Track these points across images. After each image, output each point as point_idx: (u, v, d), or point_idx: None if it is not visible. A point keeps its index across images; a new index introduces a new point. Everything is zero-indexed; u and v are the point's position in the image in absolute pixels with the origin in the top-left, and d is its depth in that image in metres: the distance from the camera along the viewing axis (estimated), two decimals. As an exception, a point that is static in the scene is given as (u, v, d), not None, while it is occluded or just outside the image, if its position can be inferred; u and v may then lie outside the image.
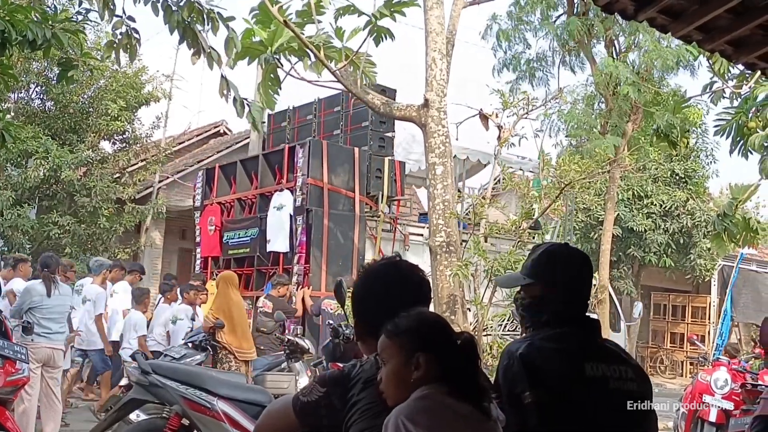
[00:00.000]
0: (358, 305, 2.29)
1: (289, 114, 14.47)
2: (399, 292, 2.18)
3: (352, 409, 2.00)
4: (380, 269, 2.29)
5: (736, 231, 11.57)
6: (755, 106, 9.85)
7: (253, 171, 12.87)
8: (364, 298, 2.27)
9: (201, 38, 5.88)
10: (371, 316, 2.21)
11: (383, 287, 2.22)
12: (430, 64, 9.42)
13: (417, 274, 2.27)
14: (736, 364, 9.66)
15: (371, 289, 2.26)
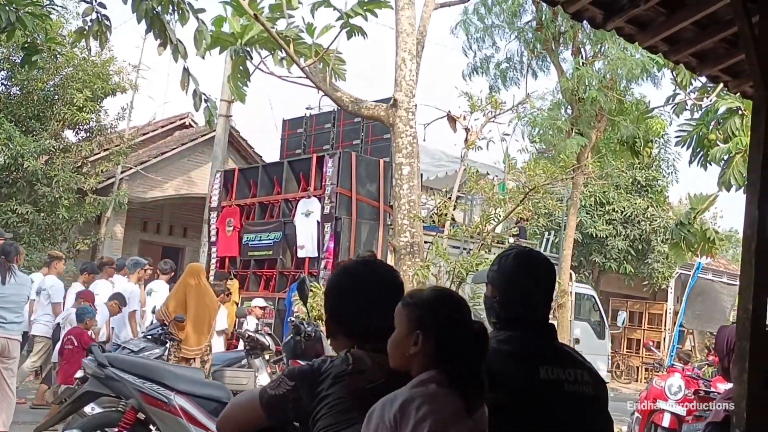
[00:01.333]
0: (331, 302, 2.28)
1: (305, 121, 14.80)
2: (371, 290, 2.19)
3: (320, 404, 2.00)
4: (354, 267, 2.30)
5: (694, 240, 11.83)
6: (716, 118, 10.08)
7: (275, 176, 13.17)
8: (336, 295, 2.28)
9: (169, 29, 5.81)
10: (343, 314, 2.23)
11: (356, 285, 2.23)
12: (399, 64, 9.43)
13: (390, 274, 2.28)
14: (690, 370, 9.84)
15: (344, 287, 2.26)
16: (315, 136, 14.50)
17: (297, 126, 14.90)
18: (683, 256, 13.43)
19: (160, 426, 5.16)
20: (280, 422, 2.10)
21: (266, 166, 13.97)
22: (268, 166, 13.92)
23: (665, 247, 19.51)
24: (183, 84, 6.02)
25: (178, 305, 7.78)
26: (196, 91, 6.03)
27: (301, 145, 14.51)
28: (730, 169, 9.67)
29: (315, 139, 14.43)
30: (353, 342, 2.14)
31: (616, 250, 20.93)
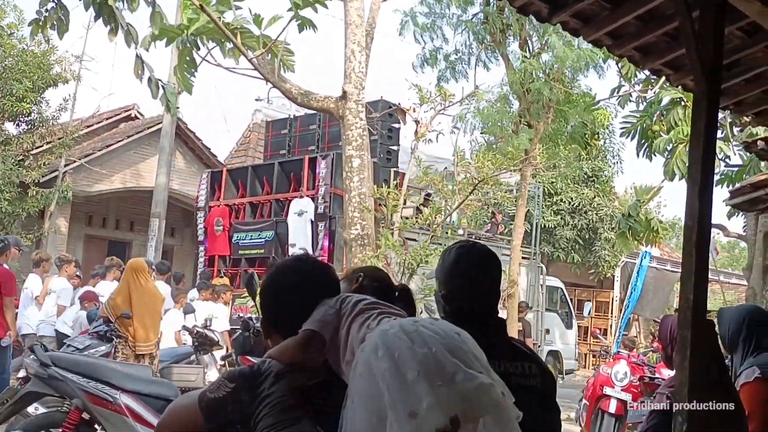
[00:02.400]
0: (264, 302, 2.26)
1: (290, 122, 15.02)
2: (303, 288, 2.16)
3: (261, 404, 1.97)
4: (287, 266, 2.27)
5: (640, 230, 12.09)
6: (659, 110, 10.30)
7: (265, 177, 13.57)
8: (269, 294, 2.25)
9: (119, 14, 5.68)
10: (276, 313, 2.21)
11: (287, 284, 2.20)
12: (349, 56, 9.40)
13: (325, 271, 2.26)
14: (635, 357, 10.05)
15: (276, 286, 2.23)
16: (300, 137, 14.73)
17: (281, 127, 15.17)
18: (629, 245, 13.75)
19: (105, 426, 5.07)
20: (222, 425, 2.06)
21: (255, 167, 14.46)
22: (257, 167, 14.40)
23: (611, 236, 19.92)
24: (136, 71, 5.90)
25: (124, 302, 7.63)
26: (152, 77, 5.92)
27: (285, 146, 14.77)
28: (674, 159, 9.91)
29: (300, 140, 14.68)
30: None
31: (564, 240, 21.28)
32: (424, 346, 1.59)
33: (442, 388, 1.53)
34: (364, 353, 1.68)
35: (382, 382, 1.60)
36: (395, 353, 1.60)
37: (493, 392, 1.57)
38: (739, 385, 3.22)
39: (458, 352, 1.60)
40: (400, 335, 1.63)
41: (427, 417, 1.52)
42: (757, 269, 12.23)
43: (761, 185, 6.42)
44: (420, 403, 1.52)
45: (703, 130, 2.83)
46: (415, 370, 1.56)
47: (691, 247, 2.78)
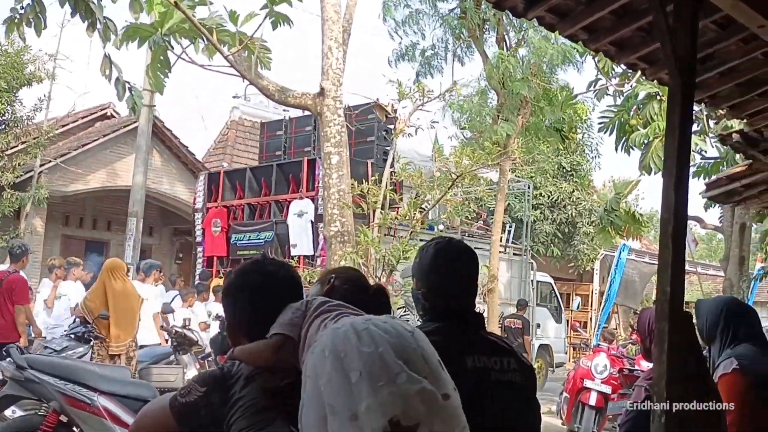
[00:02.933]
0: (226, 307, 2.24)
1: (285, 124, 15.19)
2: (263, 290, 2.15)
3: (233, 408, 1.95)
4: (246, 270, 2.25)
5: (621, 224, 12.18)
6: (636, 104, 10.36)
7: (263, 178, 13.75)
8: (229, 299, 2.23)
9: (96, 9, 5.61)
10: (239, 317, 2.19)
11: (246, 286, 2.19)
12: (326, 52, 9.35)
13: (286, 272, 2.24)
14: (615, 349, 10.13)
15: (235, 290, 2.21)
16: (295, 138, 14.93)
17: (276, 128, 15.37)
18: (610, 239, 13.85)
19: (83, 428, 5.02)
20: (194, 429, 2.04)
21: (253, 169, 14.61)
22: (255, 169, 14.58)
23: (591, 230, 20.05)
24: (103, 71, 5.83)
25: (101, 302, 7.56)
26: (119, 78, 5.85)
27: (281, 147, 14.98)
28: (650, 153, 9.96)
29: (295, 142, 14.89)
30: None
31: (544, 234, 21.39)
32: (371, 346, 1.58)
33: (383, 389, 1.52)
34: (313, 354, 1.67)
35: (326, 383, 1.59)
36: (341, 354, 1.59)
37: (434, 399, 1.54)
38: (717, 377, 3.24)
39: (406, 352, 1.58)
40: (349, 334, 1.62)
41: (367, 419, 1.50)
42: (733, 260, 12.37)
43: (736, 177, 6.46)
44: (360, 405, 1.51)
45: (677, 124, 2.84)
46: (358, 370, 1.55)
47: (668, 240, 2.79)
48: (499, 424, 2.23)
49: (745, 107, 4.78)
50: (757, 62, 4.08)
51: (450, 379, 1.65)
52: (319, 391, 1.61)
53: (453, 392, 1.62)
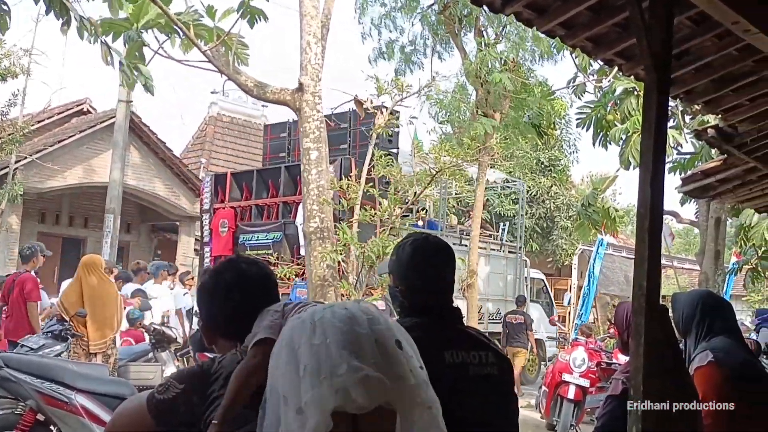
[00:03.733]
0: (200, 308, 2.23)
1: (289, 126, 15.17)
2: (236, 289, 2.15)
3: (212, 406, 1.93)
4: (220, 269, 2.24)
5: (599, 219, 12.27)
6: (613, 99, 10.43)
7: (270, 180, 13.92)
8: (203, 300, 2.23)
9: (71, 7, 5.54)
10: (214, 317, 2.19)
11: (219, 286, 2.18)
12: (304, 48, 9.32)
13: (260, 270, 2.24)
14: (593, 343, 10.22)
15: (208, 290, 2.21)
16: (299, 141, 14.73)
17: (280, 131, 15.39)
18: (588, 234, 13.94)
19: (61, 427, 4.98)
20: (171, 427, 2.03)
21: (261, 171, 14.76)
22: (263, 171, 14.74)
23: (569, 225, 20.18)
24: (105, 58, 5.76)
25: (77, 300, 7.49)
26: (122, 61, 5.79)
27: (285, 149, 15.06)
28: (629, 149, 10.04)
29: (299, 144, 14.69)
30: (232, 343, 2.10)
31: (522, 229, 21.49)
32: (321, 337, 1.58)
33: (324, 383, 1.51)
34: (276, 346, 1.68)
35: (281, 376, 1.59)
36: (296, 346, 1.59)
37: (380, 384, 1.55)
38: (692, 370, 3.27)
39: (355, 340, 1.57)
40: (305, 326, 1.62)
41: (308, 413, 1.51)
42: (709, 254, 12.51)
43: (712, 172, 6.53)
44: (303, 399, 1.51)
45: (653, 119, 2.87)
46: (304, 364, 1.55)
47: (644, 234, 2.81)
48: (477, 418, 2.24)
49: (719, 103, 4.83)
50: (731, 58, 4.12)
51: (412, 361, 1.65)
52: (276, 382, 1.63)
53: (409, 373, 1.61)
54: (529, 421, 10.21)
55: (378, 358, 1.56)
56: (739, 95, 4.70)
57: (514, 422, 2.42)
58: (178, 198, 18.73)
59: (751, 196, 7.22)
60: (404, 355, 1.64)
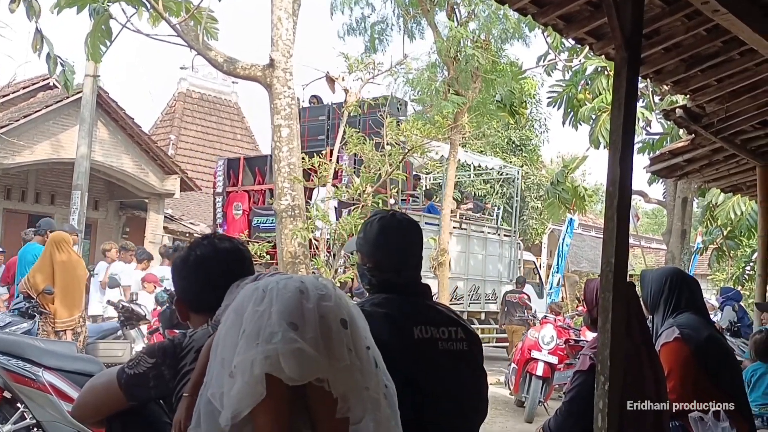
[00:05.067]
0: (179, 283, 2.22)
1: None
2: (211, 265, 2.15)
3: (183, 380, 1.93)
4: (196, 244, 2.24)
5: (568, 198, 12.38)
6: (584, 79, 10.49)
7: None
8: (178, 274, 2.22)
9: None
10: (188, 292, 2.19)
11: (194, 261, 2.18)
12: (275, 23, 9.23)
13: (235, 247, 2.23)
14: (562, 321, 10.35)
15: (183, 265, 2.20)
16: (309, 127, 15.14)
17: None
18: (558, 213, 14.07)
19: (28, 404, 4.93)
20: (142, 401, 2.02)
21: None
22: None
23: (539, 204, 20.34)
24: (34, 46, 5.64)
25: (46, 277, 7.39)
26: (50, 54, 5.67)
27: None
28: (598, 128, 10.13)
29: (309, 131, 15.09)
30: (204, 318, 2.09)
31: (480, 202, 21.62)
32: (267, 304, 1.60)
33: (257, 348, 1.54)
34: (227, 310, 1.70)
35: (222, 337, 1.63)
36: (242, 311, 1.62)
37: (313, 361, 1.56)
38: (659, 345, 3.32)
39: (299, 315, 1.59)
40: (256, 292, 1.65)
41: (238, 375, 1.53)
42: (675, 233, 12.71)
43: (679, 152, 6.61)
44: (235, 362, 1.55)
45: (623, 98, 2.89)
46: (245, 327, 1.58)
47: (613, 213, 2.85)
48: (446, 393, 2.26)
49: (688, 83, 4.88)
50: (700, 38, 4.16)
51: (356, 342, 1.67)
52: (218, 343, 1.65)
53: (346, 353, 1.63)
54: (499, 398, 10.33)
55: (317, 335, 1.58)
56: (707, 76, 4.75)
57: (484, 396, 2.44)
58: (147, 175, 18.49)
59: (718, 176, 7.33)
60: (347, 334, 1.65)
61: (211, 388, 1.61)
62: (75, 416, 2.20)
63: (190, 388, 1.82)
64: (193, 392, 1.78)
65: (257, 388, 1.52)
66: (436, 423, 2.23)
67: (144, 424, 2.05)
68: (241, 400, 1.53)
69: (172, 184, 18.80)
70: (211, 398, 1.60)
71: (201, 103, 27.32)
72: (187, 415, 1.77)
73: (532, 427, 8.55)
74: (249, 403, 1.53)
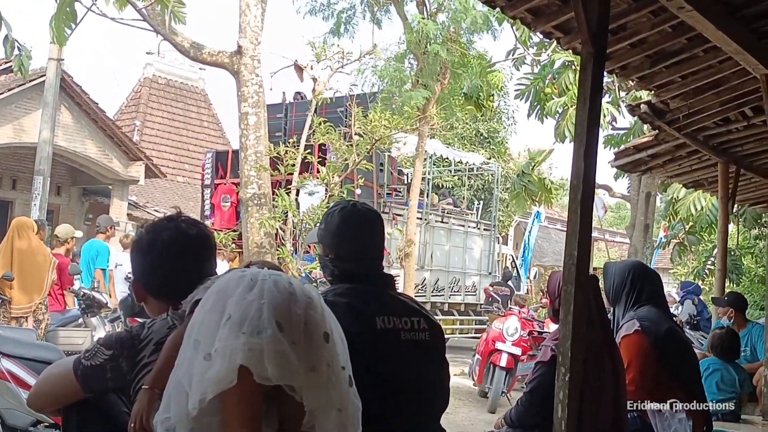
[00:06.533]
0: (134, 263, 2.17)
1: (286, 107, 15.44)
2: (171, 247, 2.09)
3: (142, 372, 1.89)
4: (159, 226, 2.17)
5: (535, 190, 12.46)
6: (552, 73, 10.55)
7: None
8: (137, 255, 2.16)
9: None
10: (146, 274, 2.13)
11: (155, 243, 2.11)
12: (243, 9, 9.14)
13: (199, 231, 2.18)
14: (526, 313, 10.44)
15: (143, 246, 2.14)
16: (295, 121, 15.07)
17: (276, 111, 15.44)
18: (524, 205, 14.17)
19: (-15, 392, 4.84)
20: (99, 393, 1.98)
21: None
22: None
23: (506, 196, 20.48)
24: None
25: (6, 262, 7.25)
26: (8, 36, 5.53)
27: (281, 129, 15.10)
28: (564, 122, 10.19)
29: (296, 125, 14.97)
30: (164, 303, 2.05)
31: (459, 199, 21.71)
32: (257, 295, 1.58)
33: (243, 337, 1.52)
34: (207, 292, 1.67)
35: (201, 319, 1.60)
36: (228, 295, 1.59)
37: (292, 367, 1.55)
38: (619, 338, 3.37)
39: (288, 319, 1.57)
40: (244, 279, 1.62)
41: (215, 360, 1.51)
42: (638, 227, 12.89)
43: (643, 147, 6.70)
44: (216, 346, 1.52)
45: (588, 92, 2.91)
46: (231, 313, 1.55)
47: (576, 206, 2.87)
48: (409, 382, 2.26)
49: (653, 79, 4.94)
50: (665, 35, 4.21)
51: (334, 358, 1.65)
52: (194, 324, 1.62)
53: (324, 367, 1.61)
54: (462, 388, 10.40)
55: (301, 342, 1.56)
56: (671, 72, 4.81)
57: (446, 386, 2.45)
58: (111, 161, 18.22)
59: (680, 172, 7.44)
60: (327, 349, 1.64)
61: (182, 369, 1.59)
62: (31, 405, 2.14)
63: (150, 380, 1.79)
64: (154, 384, 1.75)
65: (230, 375, 1.50)
66: (398, 413, 2.23)
67: (101, 414, 2.01)
68: (212, 385, 1.51)
69: (136, 171, 18.56)
70: (181, 379, 1.57)
71: (167, 89, 26.99)
72: (148, 407, 1.74)
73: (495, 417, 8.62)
74: (216, 389, 1.51)
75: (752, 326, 6.16)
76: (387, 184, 14.40)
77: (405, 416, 2.26)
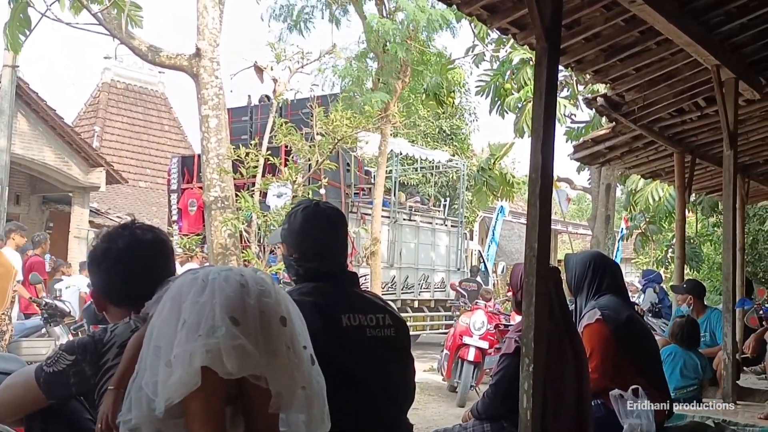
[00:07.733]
0: (98, 275, 2.15)
1: (251, 110, 15.35)
2: (127, 254, 2.08)
3: (105, 376, 1.88)
4: (114, 234, 2.15)
5: (496, 185, 12.58)
6: (510, 69, 10.66)
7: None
8: (94, 264, 2.14)
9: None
10: (103, 282, 2.12)
11: (110, 251, 2.10)
12: (201, 11, 9.08)
13: (155, 236, 2.17)
14: (492, 306, 10.52)
15: (99, 255, 2.13)
16: (261, 124, 14.84)
17: (241, 114, 15.42)
18: (486, 200, 14.28)
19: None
20: (62, 399, 1.96)
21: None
22: None
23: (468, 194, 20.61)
24: None
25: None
26: None
27: (247, 132, 14.94)
28: (523, 117, 10.31)
29: (261, 128, 14.78)
30: (125, 310, 2.04)
31: (426, 197, 21.79)
32: (209, 296, 1.60)
33: (199, 340, 1.54)
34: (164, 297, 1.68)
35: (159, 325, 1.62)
36: (182, 300, 1.62)
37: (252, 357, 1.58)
38: (581, 327, 3.43)
39: (241, 311, 1.60)
40: (196, 282, 1.64)
41: (175, 366, 1.54)
42: (600, 219, 13.07)
43: (601, 140, 6.81)
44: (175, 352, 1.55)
45: (544, 87, 2.95)
46: (185, 317, 1.58)
47: (535, 199, 2.91)
48: (375, 379, 2.28)
49: (608, 72, 5.02)
50: (618, 29, 4.29)
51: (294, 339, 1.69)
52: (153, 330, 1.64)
53: (285, 350, 1.65)
54: (432, 384, 10.44)
55: (258, 332, 1.59)
56: (626, 65, 4.90)
57: (411, 382, 2.48)
58: (70, 168, 17.93)
59: (637, 163, 7.57)
60: (286, 332, 1.67)
61: (144, 376, 1.60)
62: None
63: (116, 380, 1.79)
64: (120, 384, 1.75)
65: (194, 378, 1.52)
66: (364, 409, 2.25)
67: (65, 421, 2.00)
68: (177, 389, 1.53)
69: (97, 177, 18.27)
70: (144, 387, 1.59)
71: (126, 94, 26.64)
72: (113, 407, 1.74)
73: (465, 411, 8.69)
74: (183, 392, 1.54)
75: (711, 312, 6.29)
76: (354, 183, 14.45)
77: (371, 412, 2.28)
